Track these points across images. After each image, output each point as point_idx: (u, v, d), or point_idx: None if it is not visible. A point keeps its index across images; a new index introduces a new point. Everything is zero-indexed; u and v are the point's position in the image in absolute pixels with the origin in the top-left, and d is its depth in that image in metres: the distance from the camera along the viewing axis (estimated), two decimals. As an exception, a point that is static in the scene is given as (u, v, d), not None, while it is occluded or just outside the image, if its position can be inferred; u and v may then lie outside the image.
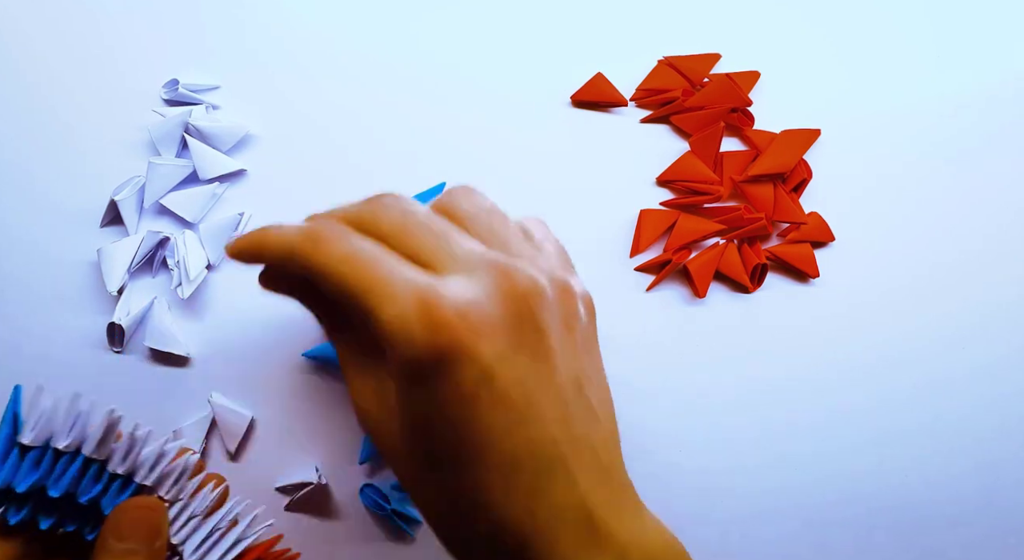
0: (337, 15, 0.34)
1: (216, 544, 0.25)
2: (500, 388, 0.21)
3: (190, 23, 0.34)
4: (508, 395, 0.21)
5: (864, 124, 0.36)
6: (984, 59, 0.36)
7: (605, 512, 0.22)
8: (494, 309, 0.21)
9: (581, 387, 0.23)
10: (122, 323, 0.31)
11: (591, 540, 0.22)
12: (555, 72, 0.34)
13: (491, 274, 0.21)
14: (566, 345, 0.23)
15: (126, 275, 0.31)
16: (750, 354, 0.34)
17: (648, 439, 0.33)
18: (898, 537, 0.34)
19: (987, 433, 0.35)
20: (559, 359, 0.22)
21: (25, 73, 0.33)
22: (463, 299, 0.20)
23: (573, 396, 0.22)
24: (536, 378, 0.21)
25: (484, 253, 0.22)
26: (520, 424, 0.21)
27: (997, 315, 0.35)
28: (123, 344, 0.32)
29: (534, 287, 0.22)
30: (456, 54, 0.34)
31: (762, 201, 0.34)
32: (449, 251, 0.22)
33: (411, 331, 0.20)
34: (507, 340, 0.21)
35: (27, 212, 0.32)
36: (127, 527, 0.23)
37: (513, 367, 0.21)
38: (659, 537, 0.23)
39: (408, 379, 0.21)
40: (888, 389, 0.35)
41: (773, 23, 0.36)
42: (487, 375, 0.21)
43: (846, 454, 0.34)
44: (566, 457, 0.22)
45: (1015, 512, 0.35)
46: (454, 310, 0.20)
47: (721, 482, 0.34)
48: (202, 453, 0.32)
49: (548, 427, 0.21)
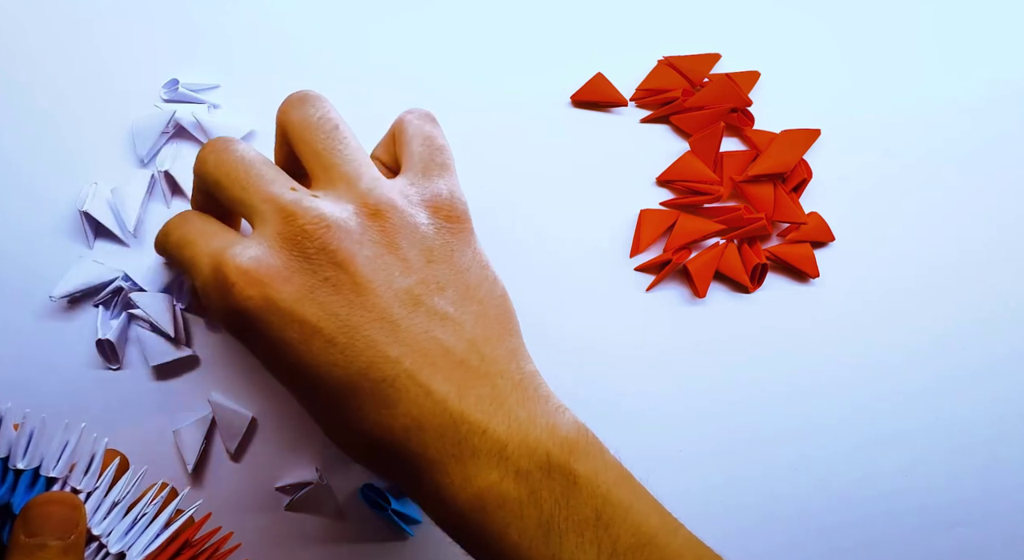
0: (338, 15, 0.34)
1: (144, 531, 0.24)
2: (308, 325, 0.22)
3: (190, 22, 0.34)
4: (319, 330, 0.22)
5: (864, 124, 0.36)
6: (985, 59, 0.36)
7: (475, 412, 0.23)
8: (279, 257, 0.23)
9: (419, 298, 0.23)
10: (109, 337, 0.30)
11: (459, 441, 0.22)
12: (555, 72, 0.34)
13: (276, 224, 0.23)
14: (389, 266, 0.23)
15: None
16: (750, 354, 0.34)
17: (648, 439, 0.33)
18: (899, 537, 0.34)
19: (988, 433, 0.35)
20: (378, 281, 0.23)
21: (20, 73, 0.33)
22: (247, 256, 0.22)
23: (407, 311, 0.23)
24: (348, 307, 0.23)
25: (277, 198, 0.23)
26: (343, 353, 0.22)
27: (998, 315, 0.35)
28: (120, 360, 0.31)
29: (320, 224, 0.23)
30: (456, 54, 0.34)
31: (762, 201, 0.34)
32: (250, 203, 0.24)
33: (210, 298, 0.23)
34: (301, 281, 0.22)
35: (16, 213, 0.32)
36: (36, 522, 0.22)
37: (315, 304, 0.22)
38: (549, 424, 0.23)
39: (233, 334, 0.24)
40: (889, 389, 0.35)
41: (773, 23, 0.36)
42: (289, 318, 0.22)
43: (847, 454, 0.34)
44: (411, 370, 0.22)
45: (1016, 512, 0.35)
46: (237, 269, 0.22)
47: (721, 482, 0.34)
48: (202, 454, 0.32)
49: (379, 348, 0.22)
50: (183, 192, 0.32)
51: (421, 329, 0.23)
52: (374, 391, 0.22)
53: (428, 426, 0.22)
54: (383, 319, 0.23)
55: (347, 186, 0.24)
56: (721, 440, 0.34)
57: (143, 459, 0.31)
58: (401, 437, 0.22)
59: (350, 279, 0.23)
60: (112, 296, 0.31)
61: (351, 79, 0.34)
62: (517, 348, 0.25)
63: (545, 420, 0.23)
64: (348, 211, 0.24)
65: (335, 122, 0.26)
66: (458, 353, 0.23)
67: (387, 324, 0.23)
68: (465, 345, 0.23)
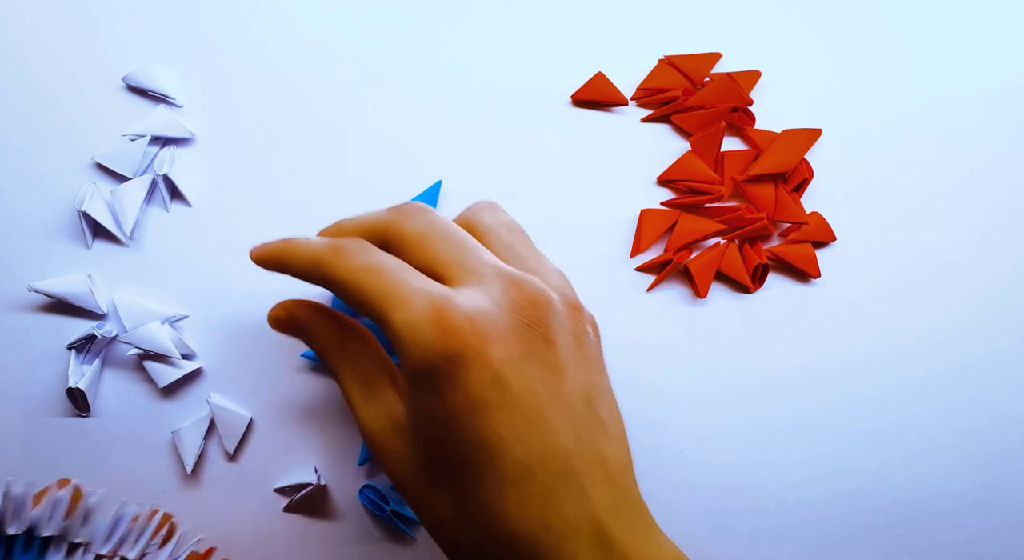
0: (335, 14, 0.34)
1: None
2: (511, 394, 0.21)
3: (159, 13, 0.33)
4: (519, 402, 0.21)
5: (865, 124, 0.36)
6: (987, 59, 0.36)
7: (619, 530, 0.22)
8: (504, 317, 0.22)
9: (591, 401, 0.23)
10: (80, 386, 0.30)
11: (606, 556, 0.21)
12: (555, 72, 0.34)
13: (504, 285, 0.22)
14: (577, 359, 0.23)
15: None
16: (751, 354, 0.34)
17: (649, 439, 0.33)
18: (900, 536, 0.34)
19: (990, 432, 0.35)
20: (569, 371, 0.22)
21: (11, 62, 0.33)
22: (474, 306, 0.21)
23: (583, 409, 0.22)
24: (547, 388, 0.22)
25: (499, 266, 0.23)
26: (531, 433, 0.21)
27: (998, 314, 0.35)
28: (89, 408, 0.31)
29: (545, 299, 0.23)
30: (455, 53, 0.34)
31: (763, 201, 0.34)
32: (466, 263, 0.23)
33: (422, 335, 0.21)
34: (517, 347, 0.22)
35: (14, 211, 0.32)
36: None
37: (523, 374, 0.21)
38: (674, 557, 0.23)
39: (419, 385, 0.22)
40: (889, 389, 0.34)
41: (774, 23, 0.36)
42: (497, 380, 0.21)
43: (848, 454, 0.34)
44: (578, 470, 0.22)
45: (1017, 512, 0.34)
46: (464, 316, 0.21)
47: (723, 481, 0.34)
48: (201, 454, 0.32)
49: (560, 437, 0.22)
50: (183, 197, 0.32)
51: (591, 431, 0.22)
52: (545, 483, 0.21)
53: (583, 533, 0.21)
54: (568, 409, 0.22)
55: (543, 276, 0.25)
56: (722, 441, 0.34)
57: (142, 460, 0.31)
58: (555, 540, 0.21)
59: (554, 359, 0.22)
60: (85, 342, 0.31)
61: (350, 79, 0.34)
62: (633, 471, 0.25)
63: (670, 550, 0.23)
64: (555, 295, 0.24)
65: (519, 227, 0.27)
66: (609, 466, 0.23)
67: (570, 415, 0.22)
68: (615, 459, 0.23)
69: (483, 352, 0.21)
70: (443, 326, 0.21)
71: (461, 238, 0.24)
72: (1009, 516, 0.35)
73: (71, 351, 0.31)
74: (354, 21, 0.34)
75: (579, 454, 0.22)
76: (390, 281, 0.22)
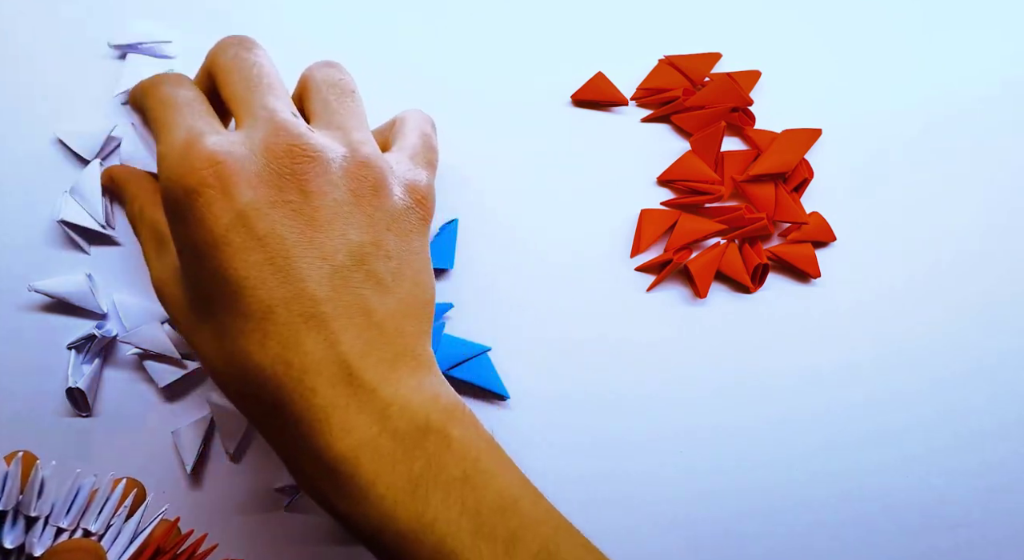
0: (335, 14, 0.34)
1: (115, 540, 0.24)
2: (254, 237, 0.22)
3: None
4: (263, 245, 0.22)
5: (865, 124, 0.36)
6: (986, 59, 0.36)
7: (371, 372, 0.23)
8: (256, 162, 0.23)
9: (365, 257, 0.24)
10: (80, 386, 0.30)
11: (349, 393, 0.22)
12: (555, 72, 0.34)
13: (267, 131, 0.23)
14: (350, 215, 0.24)
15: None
16: (751, 354, 0.34)
17: (648, 439, 0.33)
18: (899, 536, 0.34)
19: (990, 433, 0.35)
20: (335, 226, 0.23)
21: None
22: (222, 147, 0.23)
23: (347, 264, 0.23)
24: (297, 236, 0.23)
25: (275, 113, 0.24)
26: (275, 275, 0.22)
27: (998, 314, 0.35)
28: (90, 408, 0.31)
29: (305, 151, 0.23)
30: (456, 53, 0.34)
31: (763, 201, 0.34)
32: (247, 104, 0.24)
33: (170, 167, 0.23)
34: (265, 194, 0.23)
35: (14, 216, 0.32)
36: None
37: (268, 219, 0.22)
38: (433, 393, 0.24)
39: (172, 218, 0.23)
40: (889, 389, 0.34)
41: (774, 23, 0.36)
42: (240, 221, 0.22)
43: (848, 454, 0.34)
44: (327, 316, 0.23)
45: (1017, 513, 0.34)
46: (208, 154, 0.22)
47: (722, 482, 0.34)
48: (201, 454, 0.32)
49: (307, 284, 0.23)
50: None
51: (354, 284, 0.23)
52: (287, 323, 0.22)
53: (325, 372, 0.22)
54: (324, 261, 0.23)
55: (344, 133, 0.25)
56: (722, 440, 0.34)
57: (142, 460, 0.31)
58: (295, 375, 0.22)
59: (311, 212, 0.23)
60: (85, 342, 0.31)
61: (350, 78, 0.34)
62: (425, 330, 0.26)
63: (431, 390, 0.24)
64: (338, 152, 0.24)
65: (352, 86, 0.27)
66: (376, 317, 0.24)
67: (326, 267, 0.23)
68: (385, 312, 0.24)
69: (225, 192, 0.22)
70: (186, 161, 0.22)
71: (256, 79, 0.25)
72: (1009, 517, 0.35)
73: (71, 351, 0.31)
74: (354, 21, 0.34)
75: (331, 301, 0.23)
76: (167, 114, 0.24)
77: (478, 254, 0.33)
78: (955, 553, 0.34)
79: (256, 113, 0.24)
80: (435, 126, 0.30)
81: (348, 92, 0.27)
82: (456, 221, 0.33)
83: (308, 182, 0.23)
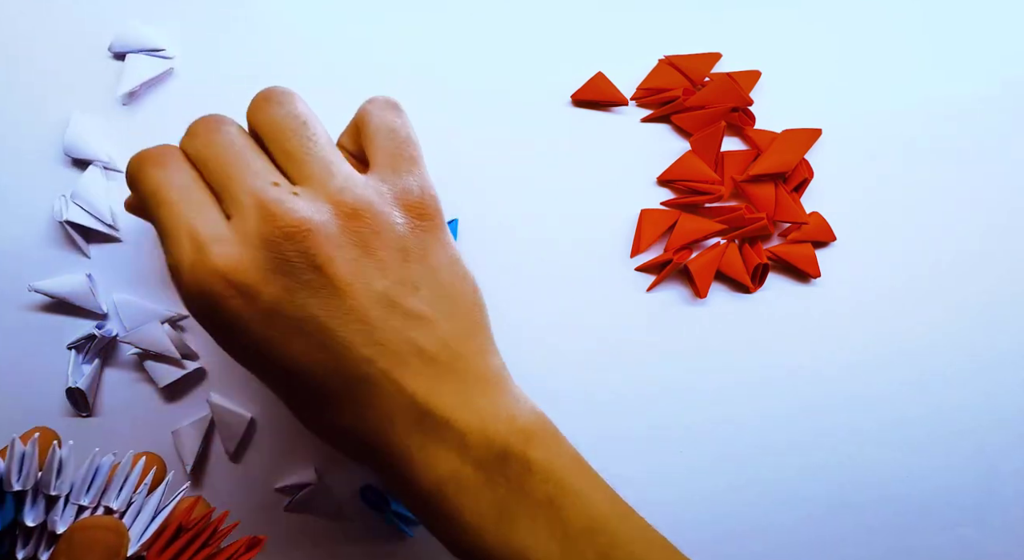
0: (335, 14, 0.34)
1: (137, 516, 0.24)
2: (289, 326, 0.23)
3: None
4: (300, 331, 0.23)
5: (865, 124, 0.36)
6: (986, 59, 0.36)
7: (441, 406, 0.24)
8: (261, 258, 0.23)
9: (396, 299, 0.24)
10: (80, 386, 0.30)
11: (424, 432, 0.23)
12: (555, 72, 0.34)
13: (258, 219, 0.23)
14: (368, 267, 0.24)
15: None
16: (751, 354, 0.34)
17: (648, 439, 0.33)
18: (899, 536, 0.34)
19: (990, 432, 0.35)
20: (358, 284, 0.23)
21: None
22: (226, 255, 0.22)
23: (383, 314, 0.24)
24: (326, 310, 0.23)
25: (258, 194, 0.23)
26: (322, 352, 0.23)
27: (998, 314, 0.35)
28: (90, 408, 0.31)
29: (301, 228, 0.23)
30: (456, 53, 0.34)
31: (763, 201, 0.34)
32: (231, 192, 0.24)
33: (186, 284, 0.23)
34: (282, 283, 0.23)
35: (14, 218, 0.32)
36: (80, 548, 0.22)
37: (294, 306, 0.23)
38: (509, 415, 0.24)
39: (205, 327, 0.24)
40: (889, 388, 0.34)
41: (774, 23, 0.36)
42: (269, 319, 0.23)
43: (848, 453, 0.34)
44: (385, 369, 0.23)
45: (1017, 513, 0.34)
46: (215, 268, 0.22)
47: (722, 482, 0.34)
48: (201, 454, 0.32)
49: (356, 350, 0.23)
50: None
51: (396, 330, 0.24)
52: (352, 390, 0.23)
53: (399, 421, 0.24)
54: (360, 322, 0.23)
55: (320, 184, 0.24)
56: (722, 441, 0.34)
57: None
58: (374, 431, 0.24)
59: (329, 282, 0.23)
60: (85, 342, 0.31)
61: (349, 79, 0.34)
62: (485, 342, 0.26)
63: (506, 411, 0.24)
64: (326, 213, 0.24)
65: (303, 118, 0.25)
66: (430, 351, 0.24)
67: (364, 326, 0.23)
68: (437, 343, 0.24)
69: (246, 296, 0.22)
70: (198, 275, 0.22)
71: (232, 160, 0.24)
72: (1008, 516, 0.35)
73: (71, 351, 0.31)
74: (354, 21, 0.34)
75: (384, 357, 0.23)
76: (163, 215, 0.23)
77: (478, 254, 0.33)
78: (955, 553, 0.34)
79: (241, 200, 0.23)
80: (399, 107, 0.27)
81: (299, 127, 0.25)
82: (456, 221, 0.33)
83: (316, 256, 0.23)
